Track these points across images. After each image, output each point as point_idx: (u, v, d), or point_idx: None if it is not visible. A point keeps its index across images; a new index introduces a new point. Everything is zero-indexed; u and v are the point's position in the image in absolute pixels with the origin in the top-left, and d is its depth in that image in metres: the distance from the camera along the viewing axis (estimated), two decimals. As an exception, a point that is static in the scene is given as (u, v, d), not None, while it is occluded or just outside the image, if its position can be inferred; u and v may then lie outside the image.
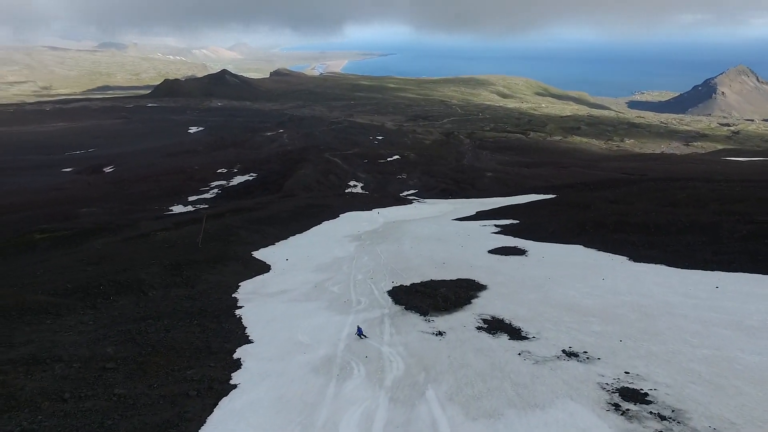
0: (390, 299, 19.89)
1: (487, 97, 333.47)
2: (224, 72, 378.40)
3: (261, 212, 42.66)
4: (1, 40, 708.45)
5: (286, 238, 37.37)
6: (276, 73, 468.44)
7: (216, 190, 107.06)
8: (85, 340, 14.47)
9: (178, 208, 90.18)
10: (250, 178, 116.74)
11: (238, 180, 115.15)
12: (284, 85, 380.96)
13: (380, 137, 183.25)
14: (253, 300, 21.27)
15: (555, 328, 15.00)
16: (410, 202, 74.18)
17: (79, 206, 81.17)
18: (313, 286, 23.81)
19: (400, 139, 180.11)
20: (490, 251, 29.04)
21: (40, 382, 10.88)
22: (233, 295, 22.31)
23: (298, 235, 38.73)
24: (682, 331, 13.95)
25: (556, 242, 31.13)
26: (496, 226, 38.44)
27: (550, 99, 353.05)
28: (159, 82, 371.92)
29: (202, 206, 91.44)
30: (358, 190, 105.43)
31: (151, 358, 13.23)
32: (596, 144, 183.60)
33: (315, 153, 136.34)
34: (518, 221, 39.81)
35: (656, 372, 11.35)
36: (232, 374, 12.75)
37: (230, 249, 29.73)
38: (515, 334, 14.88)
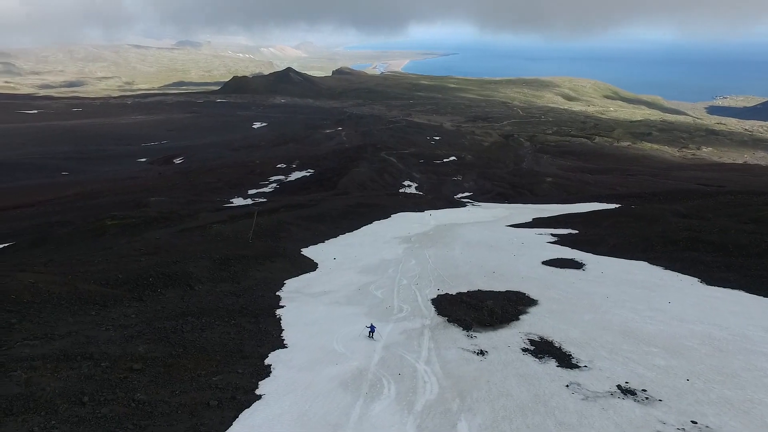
0: (433, 309, 19.09)
1: (551, 99, 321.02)
2: (289, 70, 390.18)
3: (313, 209, 43.15)
4: (93, 39, 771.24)
5: (335, 236, 37.52)
6: (338, 72, 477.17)
7: (274, 185, 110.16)
8: (120, 337, 14.87)
9: (238, 201, 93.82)
10: (307, 174, 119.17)
11: (295, 175, 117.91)
12: (345, 83, 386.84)
13: (437, 137, 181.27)
14: (295, 299, 21.33)
15: (610, 357, 13.54)
16: (464, 205, 72.50)
17: (149, 195, 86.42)
18: (357, 288, 23.50)
19: (457, 140, 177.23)
20: (544, 262, 27.40)
21: (65, 382, 11.13)
22: (277, 293, 22.47)
23: (347, 234, 38.76)
24: (763, 374, 12.09)
25: (617, 257, 28.81)
26: (552, 235, 36.41)
27: (619, 102, 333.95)
28: (228, 79, 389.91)
29: (260, 200, 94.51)
30: (412, 190, 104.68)
31: (180, 360, 13.29)
32: (669, 151, 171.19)
33: (371, 151, 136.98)
34: (577, 231, 37.48)
35: (730, 425, 9.76)
36: (259, 382, 12.54)
37: (280, 245, 30.21)
38: (564, 360, 13.60)
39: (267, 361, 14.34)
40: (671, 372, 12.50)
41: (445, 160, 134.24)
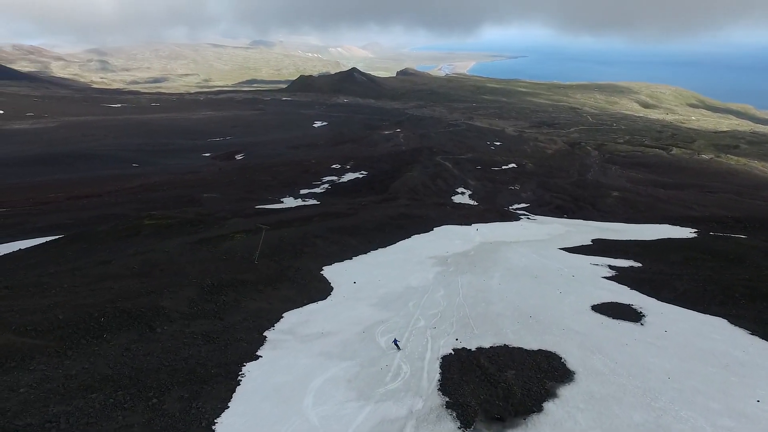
0: (437, 377, 15.31)
1: (626, 106, 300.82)
2: (353, 70, 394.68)
3: (348, 220, 40.94)
4: (177, 38, 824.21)
5: (366, 252, 34.93)
6: (402, 73, 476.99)
7: (327, 185, 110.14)
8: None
9: (288, 201, 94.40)
10: (360, 176, 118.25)
11: (348, 177, 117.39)
12: (408, 84, 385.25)
13: (498, 143, 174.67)
14: (280, 345, 18.54)
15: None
16: (518, 218, 67.87)
17: (205, 190, 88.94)
18: (362, 330, 20.42)
19: (519, 146, 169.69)
20: (594, 307, 23.11)
21: None
22: (264, 333, 19.81)
23: (380, 250, 36.07)
24: None
25: (687, 308, 23.52)
26: (610, 268, 31.72)
27: (703, 111, 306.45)
28: (296, 78, 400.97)
29: (311, 200, 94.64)
30: (465, 198, 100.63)
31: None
32: (759, 167, 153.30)
33: (427, 155, 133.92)
34: (640, 265, 32.39)
35: None
36: None
37: (294, 265, 27.78)
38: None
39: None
40: None
41: (503, 167, 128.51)
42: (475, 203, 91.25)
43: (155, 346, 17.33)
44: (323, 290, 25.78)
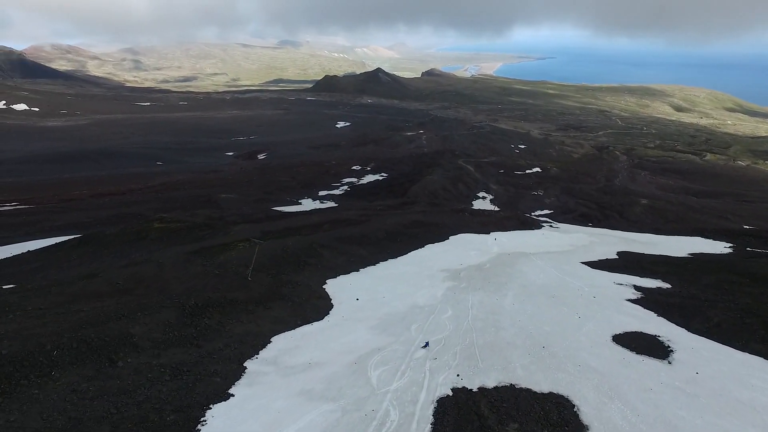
0: (427, 431, 13.86)
1: (658, 109, 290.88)
2: (378, 70, 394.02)
3: (357, 228, 39.39)
4: (208, 38, 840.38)
5: (375, 263, 33.29)
6: (427, 73, 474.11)
7: (346, 187, 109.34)
8: None
9: (306, 202, 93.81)
10: (380, 178, 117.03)
11: (368, 179, 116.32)
12: (433, 85, 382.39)
13: (523, 146, 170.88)
14: (258, 381, 16.57)
15: None
16: (539, 226, 65.36)
17: (223, 191, 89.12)
18: (354, 361, 18.45)
19: (544, 149, 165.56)
20: (615, 337, 20.83)
21: None
22: (245, 364, 17.88)
23: (390, 261, 34.40)
24: None
25: (722, 342, 20.84)
26: (635, 288, 29.30)
27: (740, 115, 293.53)
28: (321, 78, 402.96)
29: (329, 202, 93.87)
30: (487, 203, 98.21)
31: None
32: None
33: (449, 158, 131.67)
34: (669, 286, 29.84)
35: None
36: None
37: (295, 278, 26.12)
38: None
39: None
40: None
41: (527, 171, 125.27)
42: (496, 208, 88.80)
43: (111, 384, 15.72)
44: (321, 309, 24.10)
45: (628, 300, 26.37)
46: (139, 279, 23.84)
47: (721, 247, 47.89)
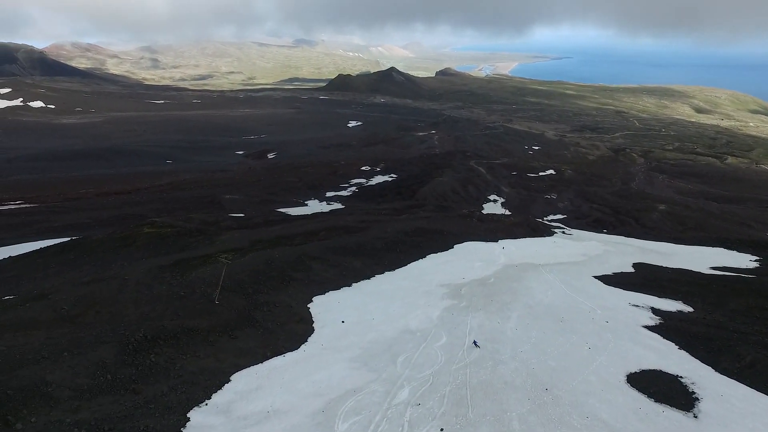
0: None
1: (677, 110, 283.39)
2: (392, 69, 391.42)
3: (357, 236, 37.15)
4: (225, 36, 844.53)
5: (369, 276, 30.92)
6: (441, 73, 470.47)
7: (354, 188, 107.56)
8: None
9: (312, 203, 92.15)
10: (389, 179, 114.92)
11: (377, 180, 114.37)
12: (447, 84, 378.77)
13: (536, 147, 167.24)
14: None
15: None
16: (551, 232, 62.64)
17: (229, 191, 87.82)
18: (321, 410, 15.79)
19: (558, 151, 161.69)
20: (630, 377, 17.93)
21: None
22: (189, 414, 14.97)
23: (387, 274, 32.06)
24: None
25: (757, 388, 17.78)
26: (653, 312, 26.58)
27: (763, 117, 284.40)
28: (335, 77, 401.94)
29: (335, 204, 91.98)
30: (498, 206, 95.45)
31: None
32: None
33: (460, 159, 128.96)
34: (691, 309, 27.05)
35: None
36: None
37: (274, 298, 23.52)
38: None
39: None
40: None
41: (540, 173, 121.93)
42: (507, 212, 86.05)
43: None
44: (298, 336, 21.43)
45: (645, 327, 23.71)
46: (92, 302, 21.62)
47: (746, 261, 44.73)
